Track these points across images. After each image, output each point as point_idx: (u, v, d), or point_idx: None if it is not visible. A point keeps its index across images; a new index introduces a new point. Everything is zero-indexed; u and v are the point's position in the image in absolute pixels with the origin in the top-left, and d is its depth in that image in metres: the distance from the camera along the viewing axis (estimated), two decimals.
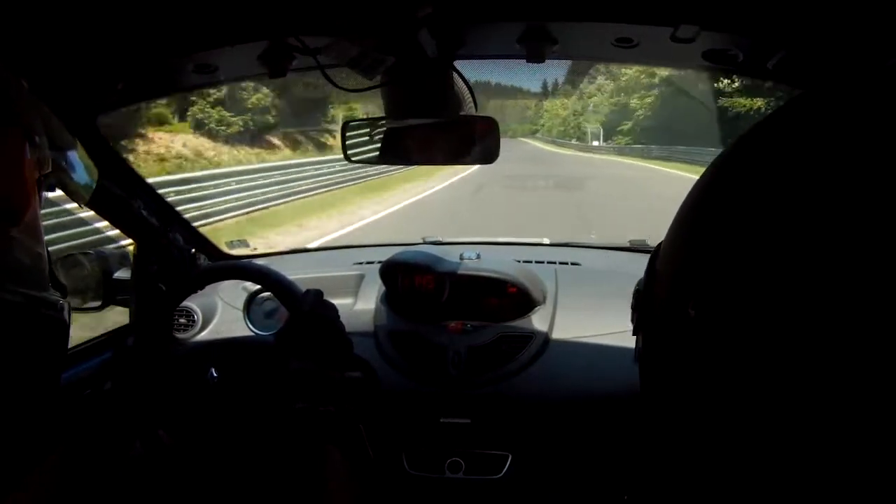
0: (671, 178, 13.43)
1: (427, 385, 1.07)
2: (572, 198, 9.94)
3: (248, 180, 8.86)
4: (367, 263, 1.33)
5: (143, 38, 0.67)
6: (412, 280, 1.16)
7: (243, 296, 1.22)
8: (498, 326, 1.12)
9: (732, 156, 0.30)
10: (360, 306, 1.22)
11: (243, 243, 1.56)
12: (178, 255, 1.21)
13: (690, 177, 6.65)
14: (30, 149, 0.39)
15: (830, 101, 0.27)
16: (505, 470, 1.05)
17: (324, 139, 16.27)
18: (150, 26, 0.64)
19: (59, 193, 0.52)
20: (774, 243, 0.24)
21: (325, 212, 8.62)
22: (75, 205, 0.61)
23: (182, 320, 1.21)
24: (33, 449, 0.53)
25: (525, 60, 0.73)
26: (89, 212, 1.03)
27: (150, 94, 0.90)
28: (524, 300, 1.13)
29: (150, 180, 1.09)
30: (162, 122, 12.64)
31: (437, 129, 0.82)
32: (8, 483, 0.48)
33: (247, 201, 8.37)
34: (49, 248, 0.43)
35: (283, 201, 9.14)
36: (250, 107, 13.88)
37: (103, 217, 1.08)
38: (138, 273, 1.15)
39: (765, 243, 0.25)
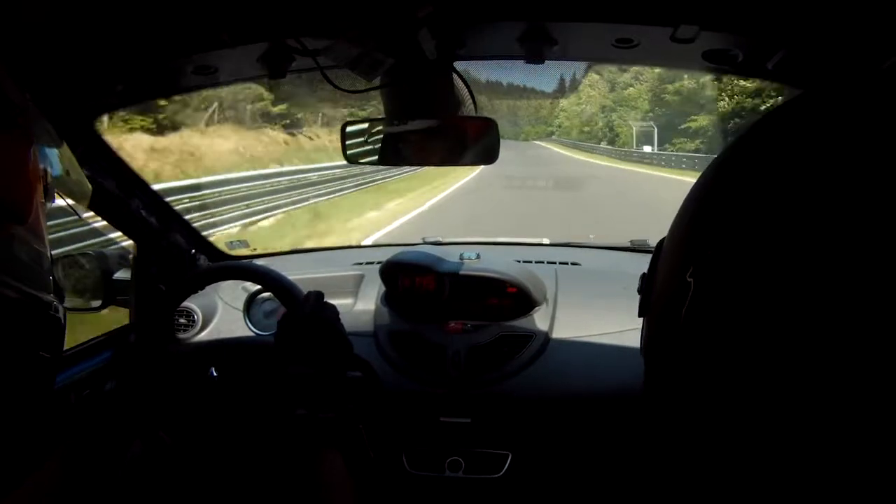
0: None
1: (427, 385, 1.07)
2: None
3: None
4: (367, 263, 1.33)
5: (143, 39, 0.67)
6: (412, 280, 1.16)
7: (243, 296, 1.22)
8: (498, 326, 1.12)
9: (735, 151, 0.31)
10: (360, 306, 1.22)
11: (243, 243, 1.56)
12: (178, 256, 1.22)
13: None
14: (36, 154, 0.40)
15: (829, 100, 0.27)
16: (505, 469, 1.05)
17: None
18: (149, 27, 0.64)
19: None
20: (770, 226, 0.25)
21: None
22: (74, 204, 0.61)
23: (182, 320, 1.21)
24: (31, 445, 0.53)
25: (525, 61, 0.73)
26: (89, 212, 1.03)
27: (150, 94, 0.90)
28: (524, 300, 1.13)
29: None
30: None
31: (437, 129, 0.82)
32: (7, 479, 0.48)
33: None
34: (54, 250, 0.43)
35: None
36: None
37: (103, 218, 1.08)
38: (138, 273, 1.15)
39: (762, 226, 0.25)
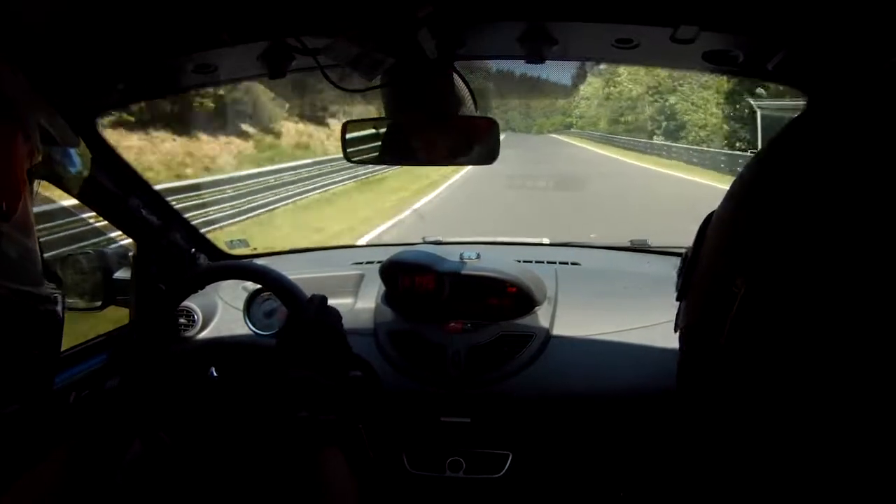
0: None
1: (427, 385, 1.07)
2: None
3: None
4: (367, 263, 1.33)
5: (143, 38, 0.67)
6: (412, 280, 1.16)
7: (243, 296, 1.22)
8: (498, 326, 1.12)
9: (780, 146, 0.30)
10: (360, 306, 1.22)
11: (243, 243, 1.56)
12: (179, 255, 1.21)
13: None
14: (22, 142, 0.39)
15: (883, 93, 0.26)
16: (505, 469, 1.05)
17: None
18: (149, 26, 0.64)
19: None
20: (826, 232, 0.24)
21: None
22: (74, 204, 0.61)
23: (182, 320, 1.21)
24: (29, 442, 0.53)
25: (525, 61, 0.73)
26: (90, 212, 1.03)
27: (150, 94, 0.90)
28: (524, 300, 1.13)
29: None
30: None
31: (437, 129, 0.82)
32: (6, 475, 0.48)
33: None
34: (56, 251, 0.43)
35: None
36: None
37: (103, 217, 1.08)
38: (138, 273, 1.15)
39: (817, 232, 0.25)
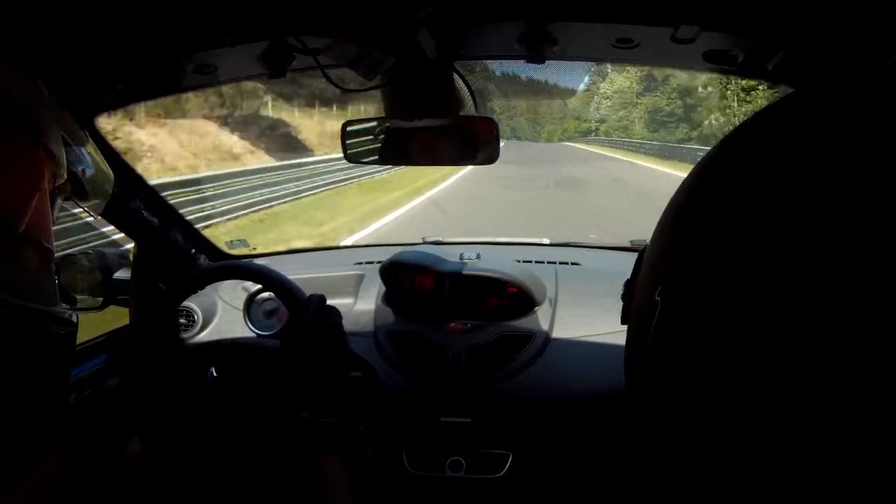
0: None
1: (427, 385, 1.07)
2: None
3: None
4: (367, 263, 1.33)
5: (143, 38, 0.67)
6: (412, 280, 1.16)
7: (243, 296, 1.22)
8: (498, 326, 1.12)
9: (719, 155, 0.30)
10: (360, 306, 1.22)
11: (243, 243, 1.56)
12: (178, 255, 1.21)
13: None
14: (44, 157, 0.39)
15: (817, 100, 0.27)
16: (506, 469, 1.05)
17: None
18: (149, 26, 0.64)
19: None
20: (749, 235, 0.25)
21: None
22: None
23: (182, 320, 1.21)
24: (36, 454, 0.53)
25: (525, 61, 0.73)
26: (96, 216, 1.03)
27: (150, 93, 0.89)
28: (524, 300, 1.13)
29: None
30: None
31: (437, 129, 0.82)
32: (7, 476, 0.48)
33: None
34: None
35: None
36: None
37: (103, 217, 1.08)
38: (138, 273, 1.15)
39: (738, 235, 0.25)
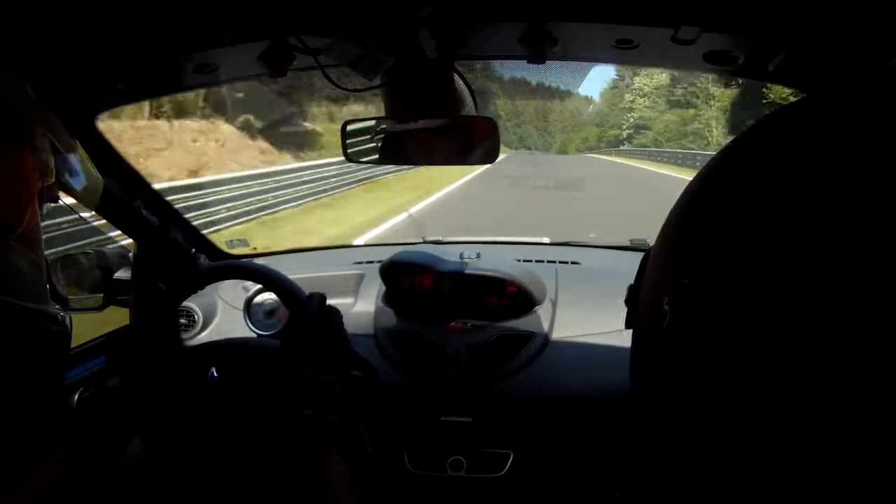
0: None
1: (428, 384, 1.07)
2: None
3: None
4: (367, 263, 1.33)
5: (143, 38, 0.66)
6: (412, 279, 1.16)
7: (243, 296, 1.22)
8: (498, 326, 1.12)
9: (723, 161, 0.31)
10: (360, 306, 1.22)
11: (243, 242, 1.56)
12: (179, 255, 1.21)
13: None
14: (32, 158, 0.39)
15: (822, 107, 0.27)
16: (507, 468, 1.06)
17: None
18: (150, 26, 0.64)
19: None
20: (755, 239, 0.25)
21: None
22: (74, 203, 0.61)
23: (182, 320, 1.21)
24: (35, 455, 0.53)
25: (525, 61, 0.73)
26: (90, 212, 1.03)
27: (150, 93, 0.89)
28: (524, 299, 1.13)
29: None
30: None
31: (437, 129, 0.82)
32: (9, 478, 0.48)
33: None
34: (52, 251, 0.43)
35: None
36: None
37: (103, 217, 1.08)
38: (138, 273, 1.15)
39: (746, 238, 0.25)
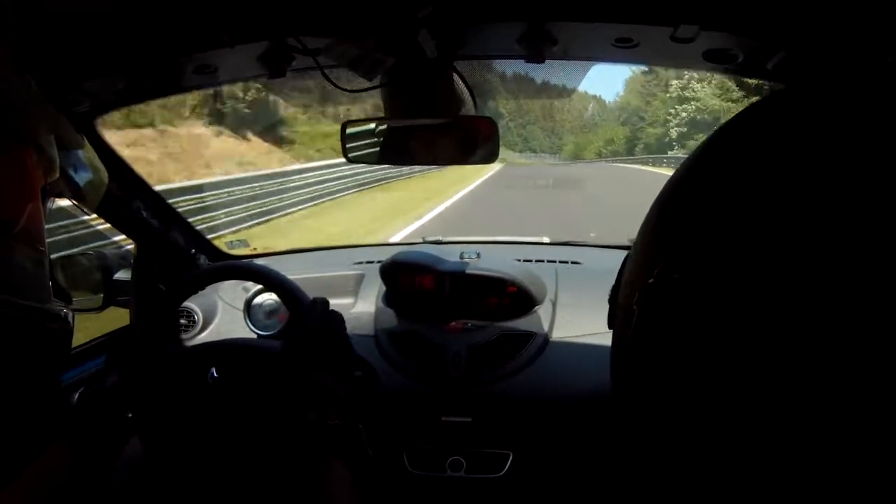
0: None
1: (428, 384, 1.07)
2: None
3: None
4: (367, 263, 1.33)
5: (143, 38, 0.67)
6: (412, 279, 1.16)
7: (244, 296, 1.22)
8: (498, 326, 1.12)
9: (699, 156, 0.31)
10: (360, 306, 1.22)
11: (243, 243, 1.56)
12: (179, 256, 1.21)
13: None
14: (36, 157, 0.39)
15: (806, 98, 0.27)
16: (506, 469, 1.05)
17: None
18: (149, 26, 0.64)
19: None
20: (725, 253, 0.25)
21: None
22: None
23: (182, 321, 1.21)
24: (33, 447, 0.53)
25: (525, 61, 0.73)
26: (90, 215, 1.03)
27: (150, 94, 0.89)
28: (524, 299, 1.13)
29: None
30: None
31: (437, 129, 0.82)
32: (6, 474, 0.48)
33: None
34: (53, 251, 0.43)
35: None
36: None
37: (104, 218, 1.08)
38: (139, 274, 1.15)
39: (714, 253, 0.26)
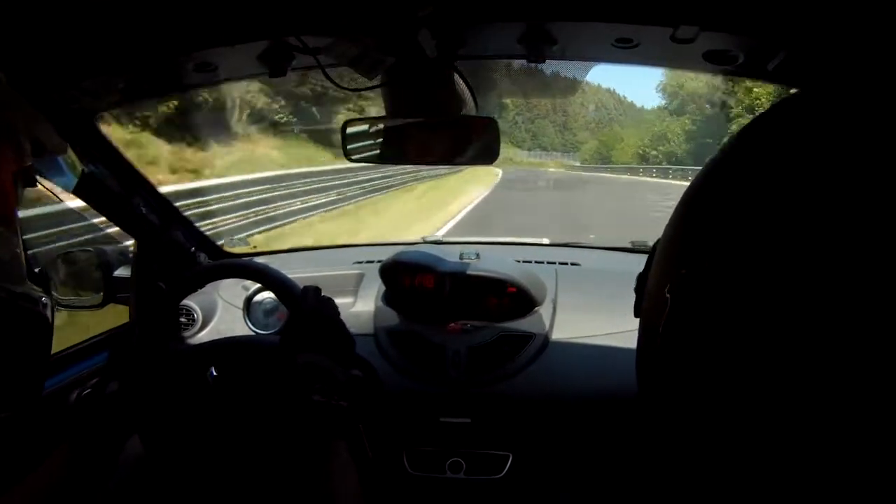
0: None
1: (427, 385, 1.07)
2: None
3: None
4: (367, 263, 1.33)
5: (143, 37, 0.67)
6: (412, 279, 1.16)
7: (243, 294, 1.22)
8: (498, 326, 1.12)
9: (730, 149, 0.31)
10: (359, 305, 1.22)
11: (243, 241, 1.56)
12: (179, 254, 1.22)
13: None
14: (8, 143, 0.39)
15: (817, 101, 0.27)
16: (506, 470, 1.05)
17: None
18: (149, 26, 0.64)
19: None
20: (751, 244, 0.25)
21: None
22: (76, 205, 0.61)
23: (182, 319, 1.21)
24: (26, 443, 0.53)
25: (525, 60, 0.73)
26: (90, 210, 1.03)
27: (150, 93, 0.90)
28: (524, 300, 1.13)
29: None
30: None
31: (438, 128, 0.82)
32: (6, 477, 0.48)
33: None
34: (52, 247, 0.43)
35: None
36: None
37: (103, 215, 1.08)
38: (138, 271, 1.15)
39: (742, 245, 0.26)
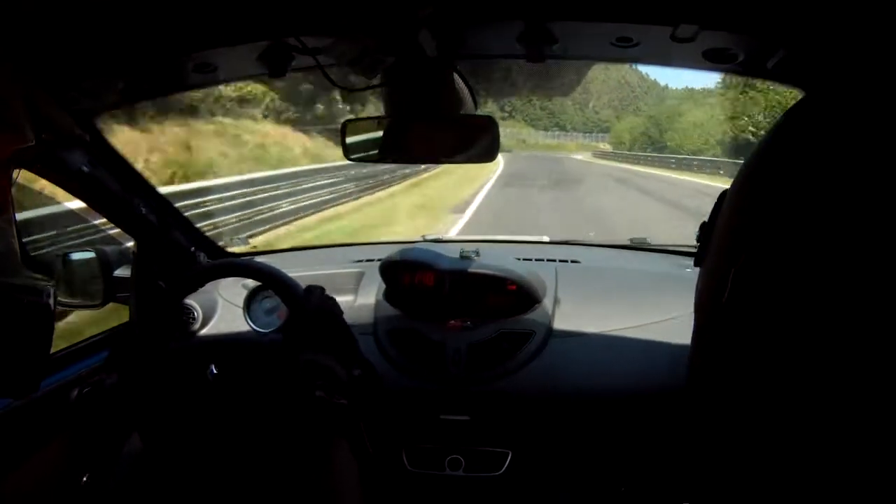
0: None
1: (427, 382, 1.07)
2: None
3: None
4: (367, 261, 1.33)
5: (143, 37, 0.67)
6: (412, 277, 1.16)
7: (243, 293, 1.22)
8: (498, 324, 1.12)
9: (778, 139, 0.32)
10: (360, 304, 1.22)
11: (243, 240, 1.57)
12: (179, 253, 1.22)
13: None
14: (3, 131, 0.38)
15: (869, 92, 0.27)
16: (505, 467, 1.06)
17: None
18: (149, 26, 0.64)
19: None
20: (811, 226, 0.26)
21: None
22: (76, 205, 0.61)
23: (182, 318, 1.22)
24: (26, 437, 0.53)
25: (525, 60, 0.73)
26: (91, 211, 1.03)
27: (150, 93, 0.90)
28: (524, 297, 1.14)
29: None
30: None
31: (437, 127, 0.83)
32: (6, 469, 0.48)
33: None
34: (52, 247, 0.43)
35: None
36: None
37: (103, 215, 1.08)
38: (139, 271, 1.15)
39: (811, 218, 0.27)
